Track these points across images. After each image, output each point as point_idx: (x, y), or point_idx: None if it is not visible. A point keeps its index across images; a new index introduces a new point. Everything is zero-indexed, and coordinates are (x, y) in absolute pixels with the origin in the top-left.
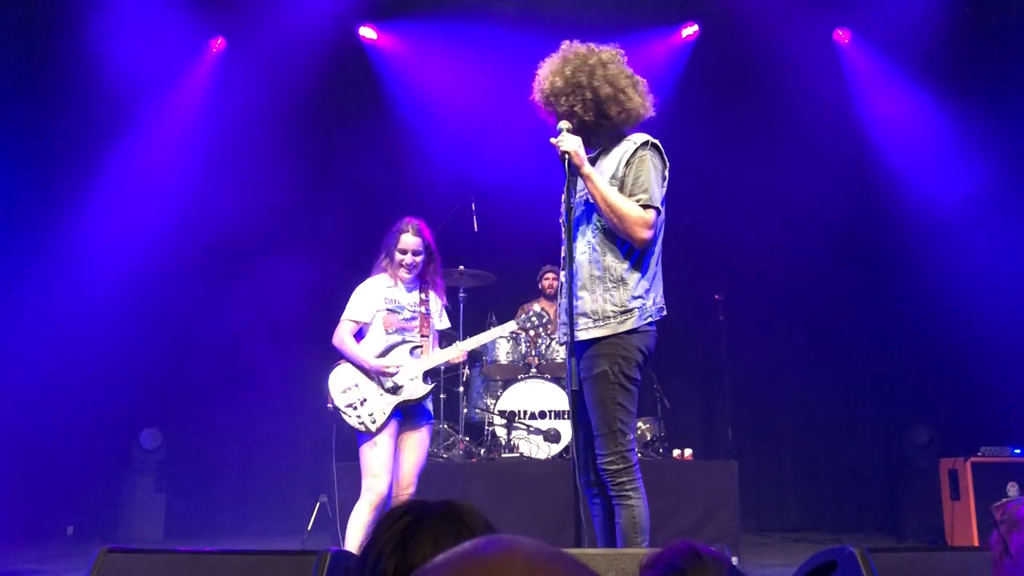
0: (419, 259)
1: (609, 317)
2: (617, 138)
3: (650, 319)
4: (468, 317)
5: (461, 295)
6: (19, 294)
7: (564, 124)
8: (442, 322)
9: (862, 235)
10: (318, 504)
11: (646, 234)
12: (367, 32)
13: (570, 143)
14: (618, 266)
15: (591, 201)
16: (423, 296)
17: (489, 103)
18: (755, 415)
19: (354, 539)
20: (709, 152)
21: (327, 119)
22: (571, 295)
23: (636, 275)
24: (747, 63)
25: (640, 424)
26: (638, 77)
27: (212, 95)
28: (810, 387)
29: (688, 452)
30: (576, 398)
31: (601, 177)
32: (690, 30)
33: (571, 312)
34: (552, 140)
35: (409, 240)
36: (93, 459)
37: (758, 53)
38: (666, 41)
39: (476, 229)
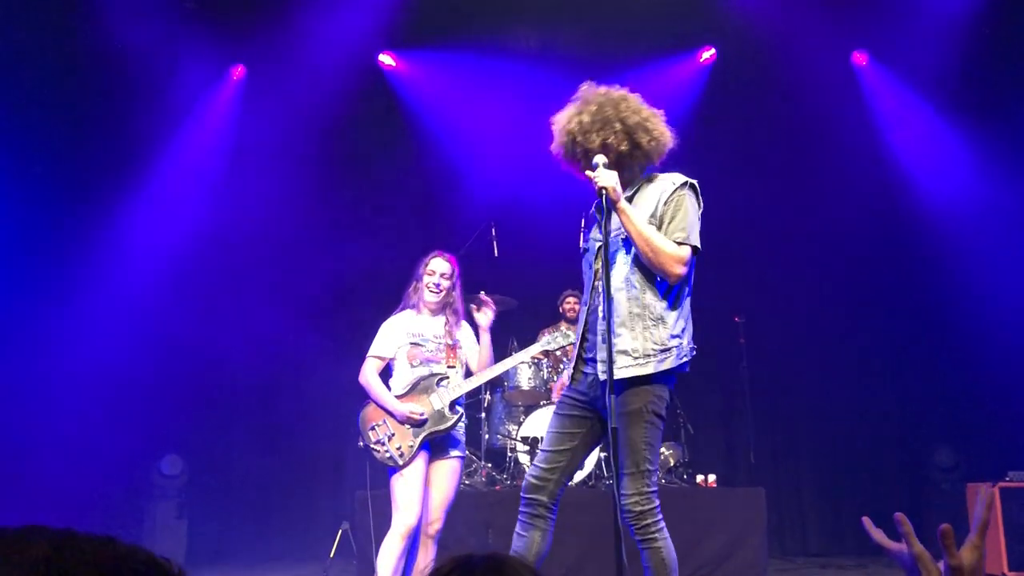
0: (446, 283)
1: (650, 355)
2: (651, 177)
3: (685, 359)
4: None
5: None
6: (37, 324)
7: (600, 159)
8: (475, 346)
9: (883, 256)
10: (340, 532)
11: (680, 270)
12: (386, 59)
13: (608, 178)
14: (657, 304)
15: (628, 238)
16: (447, 327)
17: (508, 129)
18: (776, 437)
19: (385, 572)
20: (728, 174)
21: (346, 145)
22: (610, 331)
23: (674, 314)
24: (765, 85)
25: (663, 450)
26: (658, 110)
27: (232, 123)
28: (832, 409)
29: (712, 478)
30: (615, 434)
31: (637, 212)
32: (707, 54)
33: (610, 348)
34: (588, 173)
35: (439, 263)
36: (115, 486)
37: (776, 75)
38: (684, 66)
39: (496, 254)
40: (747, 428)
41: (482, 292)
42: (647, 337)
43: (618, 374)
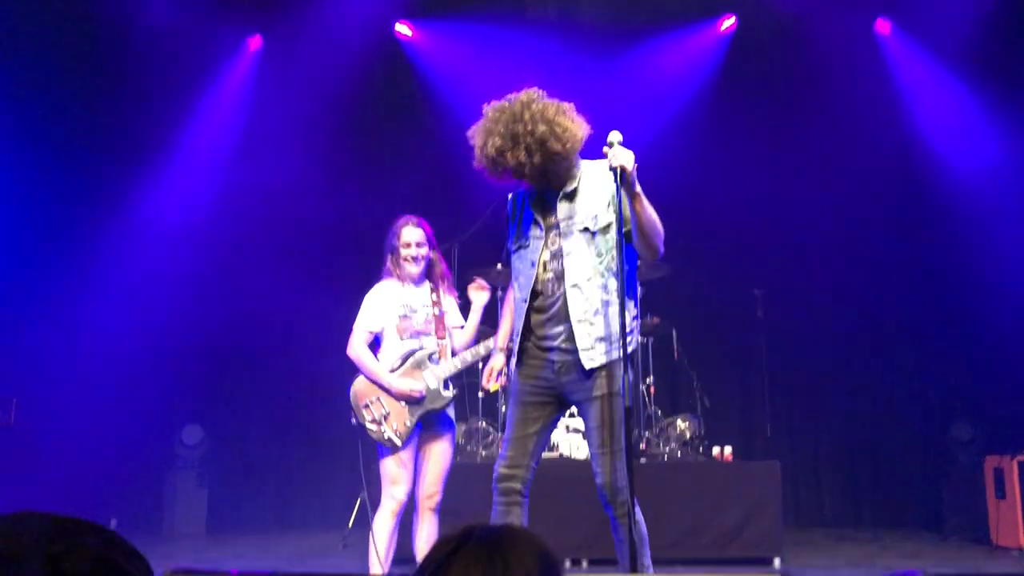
0: (423, 251)
1: (618, 339)
2: (583, 167)
3: (640, 339)
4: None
5: (499, 293)
6: (59, 300)
7: (615, 136)
8: (458, 320)
9: (905, 228)
10: (359, 501)
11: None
12: (402, 29)
13: (625, 157)
14: (619, 290)
15: (585, 228)
16: (434, 297)
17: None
18: (793, 410)
19: (380, 547)
20: (747, 145)
21: (363, 115)
22: (622, 310)
23: (631, 301)
24: (786, 54)
25: (679, 422)
26: (564, 104)
27: (249, 93)
28: (850, 382)
29: (728, 450)
30: (629, 414)
31: (588, 203)
32: (728, 23)
33: (623, 325)
34: (605, 150)
35: (411, 232)
36: (136, 454)
37: (797, 44)
38: (704, 35)
39: None
40: (764, 400)
41: (499, 264)
42: (617, 322)
43: (599, 360)
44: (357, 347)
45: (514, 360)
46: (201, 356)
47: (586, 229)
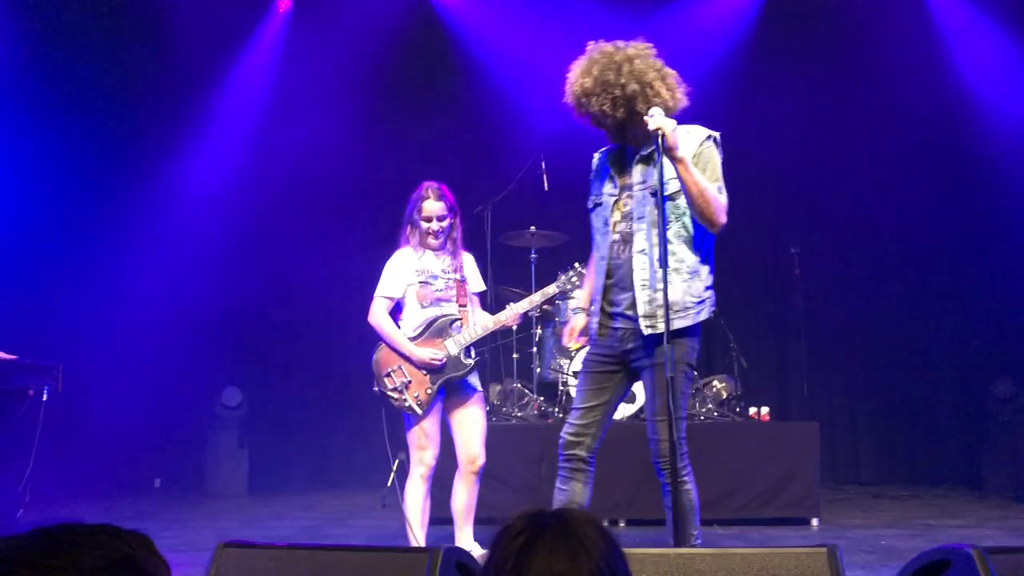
0: (444, 224)
1: (688, 308)
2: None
3: (714, 308)
4: (540, 278)
5: (532, 256)
6: (101, 262)
7: (656, 108)
8: (479, 285)
9: (946, 185)
10: (396, 461)
11: (724, 219)
12: None
13: (665, 122)
14: (691, 257)
15: (654, 191)
16: (455, 262)
17: (558, 60)
18: (830, 367)
19: (413, 517)
20: (783, 100)
21: (394, 77)
22: (665, 282)
23: (706, 267)
24: (823, 7)
25: (716, 383)
26: (668, 70)
27: (279, 55)
28: (888, 340)
29: (765, 410)
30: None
31: (669, 166)
32: None
33: (666, 298)
34: (646, 117)
35: (432, 206)
36: (178, 417)
37: None
38: None
39: (547, 188)
40: (801, 360)
41: (532, 227)
42: (685, 290)
43: (662, 328)
44: (378, 314)
45: (595, 321)
46: (239, 320)
47: (654, 192)
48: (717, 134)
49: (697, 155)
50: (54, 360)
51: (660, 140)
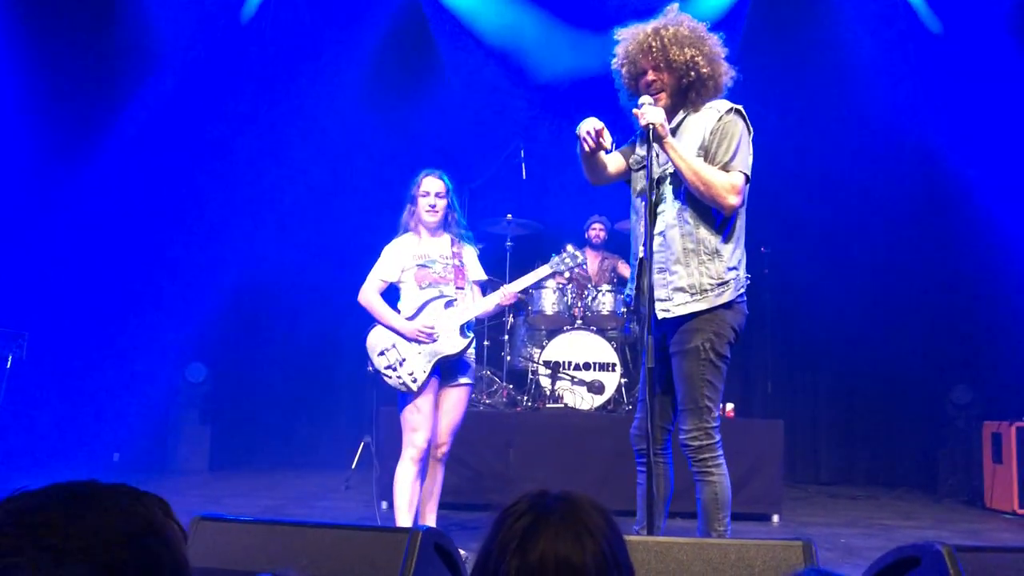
0: (442, 202)
1: (707, 290)
2: (696, 107)
3: (742, 290)
4: (515, 265)
5: (508, 244)
6: (68, 228)
7: (646, 99)
8: (479, 274)
9: (912, 191)
10: (362, 444)
11: (734, 200)
12: None
13: (655, 115)
14: (712, 238)
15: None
16: (454, 248)
17: (539, 51)
18: (795, 367)
19: (403, 499)
20: (755, 102)
21: (379, 65)
22: (650, 271)
23: (730, 246)
24: (809, 15)
25: None
26: (718, 50)
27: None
28: (852, 342)
29: (729, 407)
30: (651, 374)
31: (684, 146)
32: None
33: (651, 286)
34: (635, 111)
35: (432, 182)
36: (141, 390)
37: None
38: None
39: (524, 177)
40: (766, 359)
41: (509, 215)
42: (703, 272)
43: (676, 311)
44: (368, 293)
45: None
46: (207, 295)
47: (674, 174)
48: (740, 107)
49: (715, 130)
50: (18, 328)
51: (651, 133)
